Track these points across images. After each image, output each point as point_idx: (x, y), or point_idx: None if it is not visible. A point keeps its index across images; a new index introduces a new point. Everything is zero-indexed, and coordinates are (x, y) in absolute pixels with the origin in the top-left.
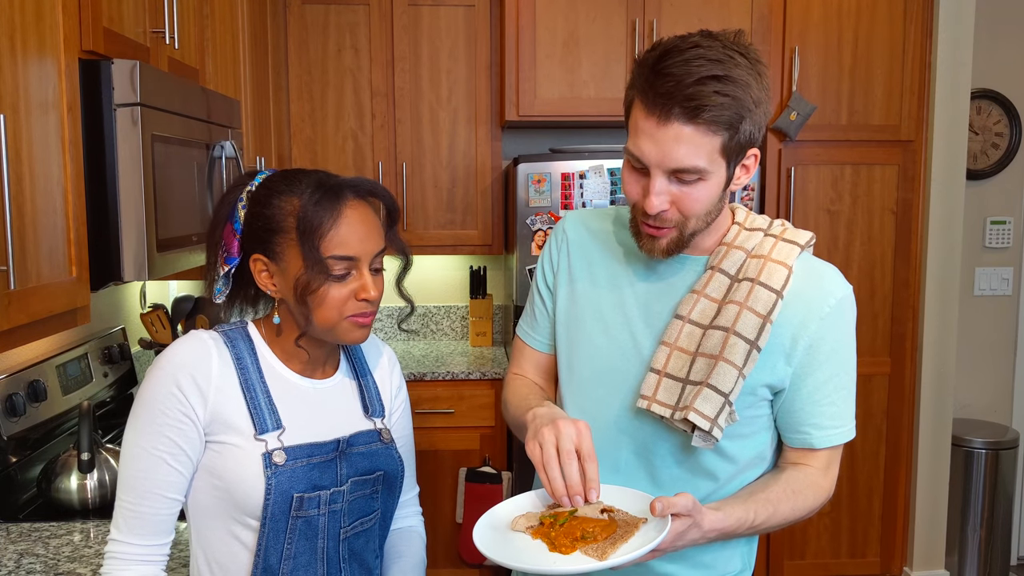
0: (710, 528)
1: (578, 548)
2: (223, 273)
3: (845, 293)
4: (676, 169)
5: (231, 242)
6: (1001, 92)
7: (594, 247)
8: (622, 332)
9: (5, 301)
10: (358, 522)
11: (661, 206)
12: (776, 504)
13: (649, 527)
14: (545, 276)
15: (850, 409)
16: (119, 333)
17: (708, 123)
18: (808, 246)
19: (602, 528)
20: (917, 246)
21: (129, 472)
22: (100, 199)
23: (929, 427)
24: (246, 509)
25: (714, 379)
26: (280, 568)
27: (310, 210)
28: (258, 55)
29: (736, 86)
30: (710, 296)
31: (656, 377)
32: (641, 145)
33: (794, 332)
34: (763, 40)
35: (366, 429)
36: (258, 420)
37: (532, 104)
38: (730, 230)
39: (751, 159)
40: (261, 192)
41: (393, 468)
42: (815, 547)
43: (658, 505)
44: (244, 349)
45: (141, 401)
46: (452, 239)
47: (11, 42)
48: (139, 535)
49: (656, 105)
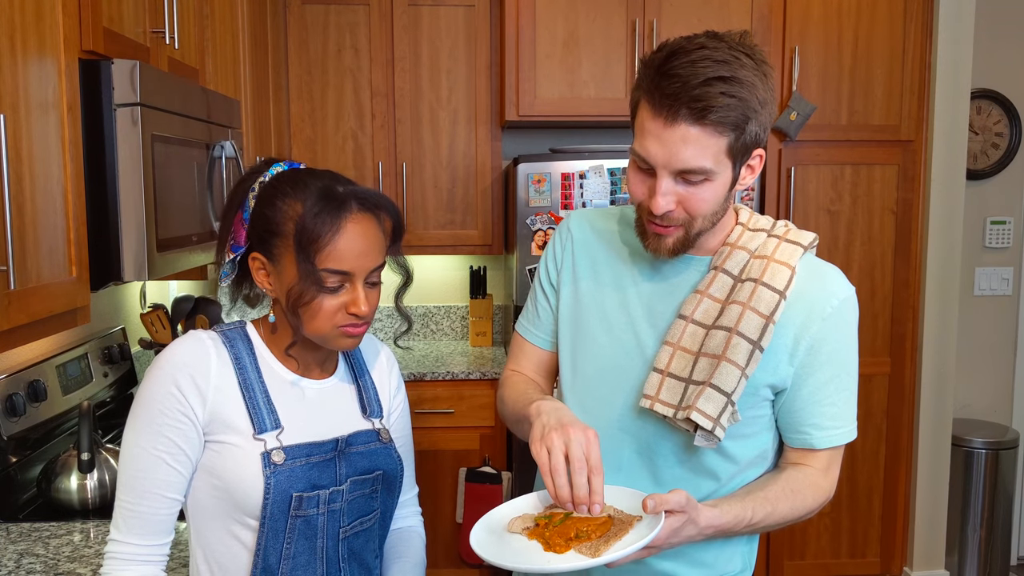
0: (707, 525)
1: (572, 547)
2: (229, 260)
3: (848, 294)
4: (682, 170)
5: (239, 231)
6: (1001, 92)
7: (599, 246)
8: (625, 331)
9: (5, 301)
10: (357, 522)
11: (667, 207)
12: (775, 503)
13: (643, 525)
14: (548, 273)
15: (851, 410)
16: (119, 333)
17: (715, 124)
18: (811, 247)
19: (596, 527)
20: (917, 246)
21: (128, 472)
22: (100, 199)
23: (929, 427)
24: (245, 509)
25: (717, 379)
26: (280, 568)
27: (309, 221)
28: (258, 55)
29: (742, 87)
30: (713, 296)
31: (659, 377)
32: (648, 146)
33: (796, 332)
34: (763, 40)
35: (365, 429)
36: (257, 420)
37: (532, 104)
38: (734, 230)
39: (756, 159)
40: (267, 191)
41: (392, 468)
42: (815, 547)
43: (650, 502)
44: (243, 349)
45: (140, 401)
46: (452, 239)
47: (11, 42)
48: (139, 535)
49: (663, 106)
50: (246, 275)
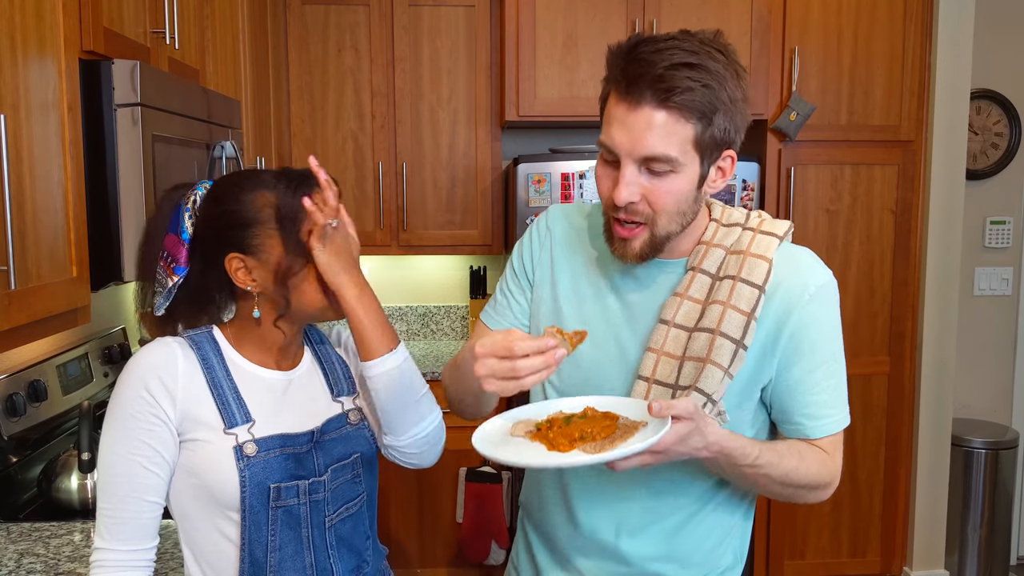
0: (714, 440)
1: (576, 447)
2: (171, 284)
3: (825, 280)
4: (647, 157)
5: (178, 252)
6: (1001, 92)
7: (578, 247)
8: (607, 340)
9: (5, 301)
10: (343, 508)
11: (630, 197)
12: (781, 455)
13: (649, 430)
14: (524, 265)
15: (841, 396)
16: (119, 333)
17: (680, 108)
18: (787, 236)
19: (601, 428)
20: (917, 246)
21: (107, 478)
22: (100, 199)
23: (929, 427)
24: (225, 503)
25: (702, 383)
26: (267, 560)
27: (290, 200)
28: (258, 55)
29: (710, 75)
30: (693, 298)
31: (645, 385)
32: (612, 133)
33: (777, 324)
34: (763, 40)
35: (335, 415)
36: (226, 415)
37: (532, 104)
38: (707, 228)
39: (727, 161)
40: (223, 192)
41: (367, 449)
42: (815, 547)
43: (655, 405)
44: (210, 351)
45: (112, 408)
46: (452, 239)
47: (11, 42)
48: (122, 541)
49: (628, 91)
50: (184, 301)
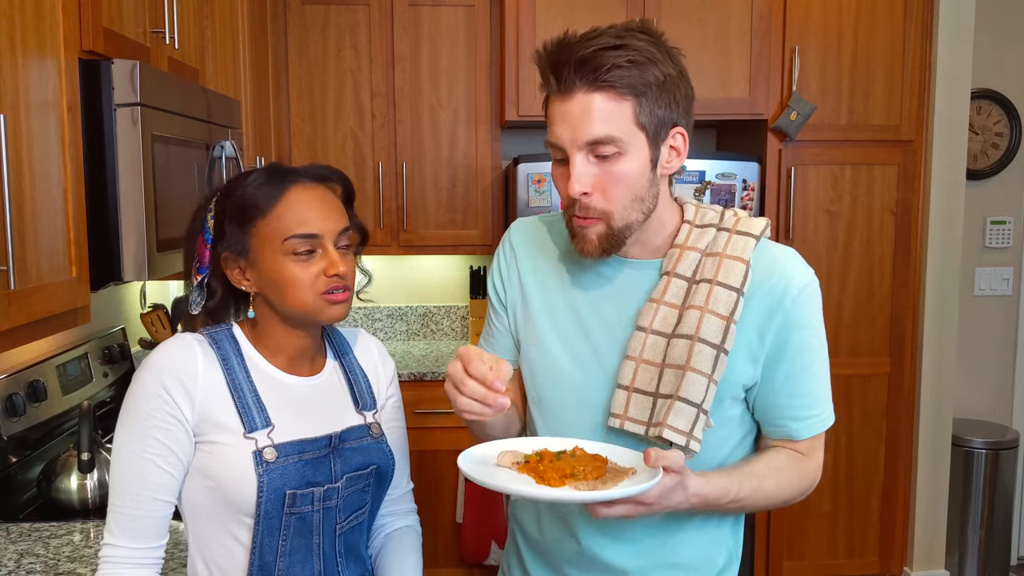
0: (693, 492)
1: (567, 484)
2: (196, 283)
3: (807, 280)
4: (589, 141)
5: (202, 253)
6: (1001, 92)
7: (541, 254)
8: (583, 347)
9: (5, 301)
10: (353, 516)
11: (583, 188)
12: (760, 479)
13: (637, 478)
14: (497, 292)
15: (825, 396)
16: (119, 333)
17: (610, 86)
18: (764, 234)
19: (592, 469)
20: (917, 246)
21: (120, 476)
22: (100, 199)
23: (929, 427)
24: (240, 507)
25: (684, 391)
26: (276, 565)
27: (250, 192)
28: (258, 55)
29: (637, 52)
30: (669, 303)
31: (625, 394)
32: (554, 129)
33: (759, 327)
34: (763, 40)
35: (357, 424)
36: (247, 418)
37: (532, 104)
38: (680, 229)
39: (678, 139)
40: (225, 193)
41: (385, 462)
42: (814, 547)
43: (653, 453)
44: (230, 350)
45: (128, 405)
46: (452, 239)
47: (11, 42)
48: (132, 538)
49: (559, 85)
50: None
